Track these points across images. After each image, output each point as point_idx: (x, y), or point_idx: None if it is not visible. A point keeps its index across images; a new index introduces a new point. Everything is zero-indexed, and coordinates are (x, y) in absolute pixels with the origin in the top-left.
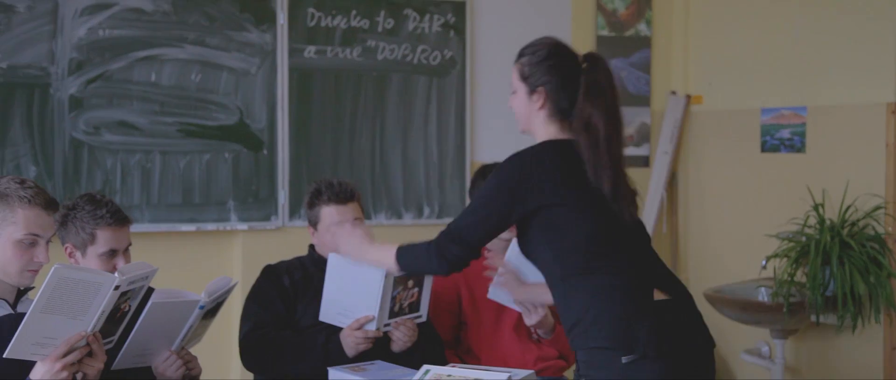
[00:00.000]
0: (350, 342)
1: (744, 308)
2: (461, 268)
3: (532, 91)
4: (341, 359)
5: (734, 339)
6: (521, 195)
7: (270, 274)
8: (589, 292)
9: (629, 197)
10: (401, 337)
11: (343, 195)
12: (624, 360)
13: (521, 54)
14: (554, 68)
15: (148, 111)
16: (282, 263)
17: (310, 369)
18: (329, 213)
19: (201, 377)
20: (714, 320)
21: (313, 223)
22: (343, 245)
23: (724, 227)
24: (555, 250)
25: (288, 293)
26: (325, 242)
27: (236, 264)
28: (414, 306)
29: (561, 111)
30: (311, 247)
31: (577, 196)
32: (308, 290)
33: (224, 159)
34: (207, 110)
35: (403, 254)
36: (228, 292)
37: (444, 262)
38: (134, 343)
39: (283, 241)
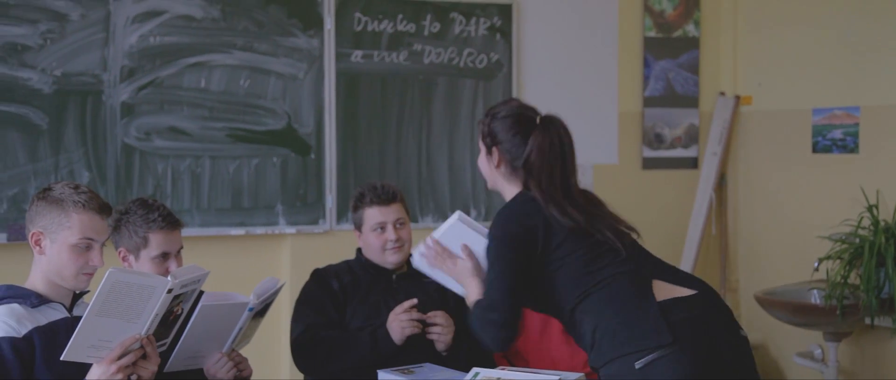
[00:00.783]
0: (396, 326)
1: (796, 311)
2: (509, 347)
3: (489, 150)
4: (389, 347)
5: (786, 342)
6: (523, 243)
7: (320, 278)
8: (591, 313)
9: (606, 218)
10: (439, 332)
11: (385, 196)
12: (637, 365)
13: (485, 115)
14: (509, 129)
15: (197, 117)
16: (330, 267)
17: (361, 362)
18: (372, 214)
19: (252, 378)
20: (765, 322)
21: (358, 226)
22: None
23: (775, 229)
24: (558, 286)
25: (338, 297)
26: (371, 244)
27: (285, 268)
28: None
29: (516, 169)
30: (359, 250)
31: (563, 231)
32: (357, 293)
33: (272, 164)
34: (256, 115)
35: (476, 313)
36: (276, 292)
37: (497, 344)
38: (185, 345)
39: (331, 244)
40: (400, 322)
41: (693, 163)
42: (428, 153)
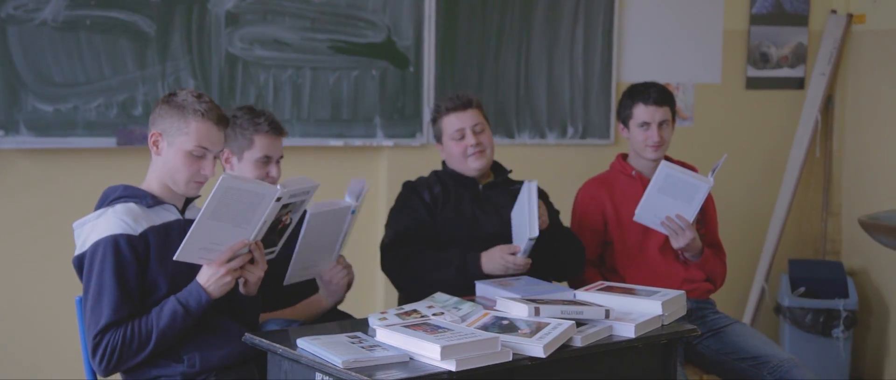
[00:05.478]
0: (498, 263)
1: None
2: None
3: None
4: (477, 274)
5: (889, 267)
6: None
7: (412, 188)
8: None
9: None
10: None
11: (461, 102)
12: None
13: None
14: None
15: (299, 28)
16: (421, 179)
17: (445, 285)
18: (450, 121)
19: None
20: (869, 247)
21: (439, 138)
22: None
23: (882, 152)
24: None
25: (429, 206)
26: (452, 152)
27: (382, 179)
28: None
29: None
30: (444, 163)
31: None
32: (448, 202)
33: (372, 76)
34: (357, 27)
35: None
36: (365, 192)
37: None
38: (301, 256)
39: (427, 157)
40: (505, 262)
41: (799, 83)
42: (526, 69)
